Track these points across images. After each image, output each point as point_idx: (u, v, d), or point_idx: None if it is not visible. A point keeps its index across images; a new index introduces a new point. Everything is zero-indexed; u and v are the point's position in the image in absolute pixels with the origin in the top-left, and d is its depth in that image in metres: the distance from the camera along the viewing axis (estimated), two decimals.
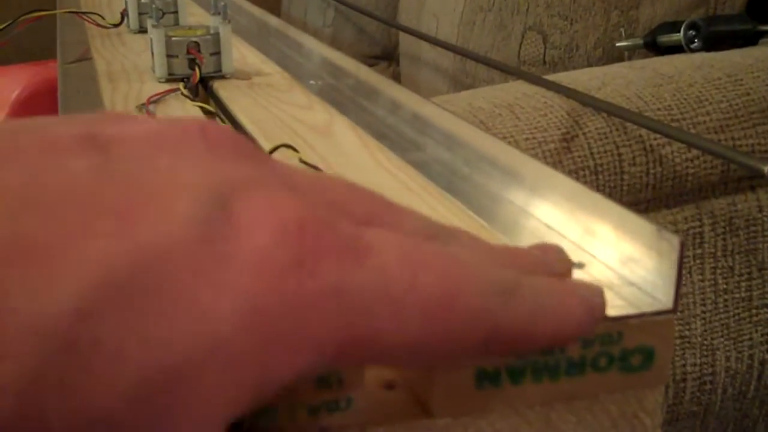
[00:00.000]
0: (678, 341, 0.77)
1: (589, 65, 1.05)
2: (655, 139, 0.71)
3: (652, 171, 0.71)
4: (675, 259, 0.30)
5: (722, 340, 0.78)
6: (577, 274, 0.33)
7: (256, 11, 1.02)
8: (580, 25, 1.06)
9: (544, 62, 1.10)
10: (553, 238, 0.36)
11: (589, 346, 0.29)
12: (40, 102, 1.47)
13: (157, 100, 0.60)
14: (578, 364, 0.29)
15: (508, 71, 0.99)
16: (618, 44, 1.00)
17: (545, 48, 1.10)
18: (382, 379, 0.29)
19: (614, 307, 0.30)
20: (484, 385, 0.28)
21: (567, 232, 0.36)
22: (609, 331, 0.29)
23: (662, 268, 0.31)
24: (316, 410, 0.26)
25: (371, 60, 1.73)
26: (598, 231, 0.35)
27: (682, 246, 0.30)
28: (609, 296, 0.31)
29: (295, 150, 0.45)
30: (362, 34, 1.75)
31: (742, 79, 0.78)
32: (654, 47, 0.96)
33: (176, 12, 0.90)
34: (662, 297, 0.31)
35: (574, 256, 0.35)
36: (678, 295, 0.30)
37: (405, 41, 1.57)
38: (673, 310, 0.30)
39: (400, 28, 1.54)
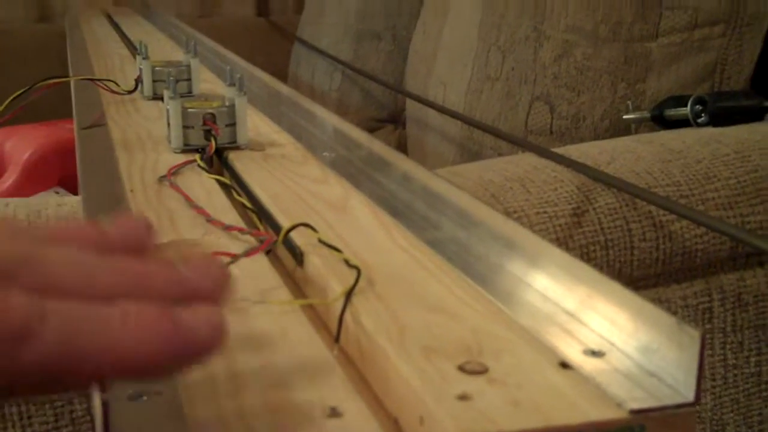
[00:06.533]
0: None
1: (596, 136, 1.06)
2: (665, 215, 0.71)
3: (661, 246, 0.72)
4: (696, 353, 0.30)
5: (732, 415, 0.78)
6: (596, 364, 0.33)
7: (267, 78, 1.03)
8: (587, 97, 1.07)
9: (551, 132, 1.11)
10: (572, 326, 0.36)
11: None
12: (50, 164, 1.49)
13: (175, 172, 0.61)
14: None
15: (516, 142, 1.00)
16: (625, 116, 1.01)
17: (552, 118, 1.11)
18: None
19: (635, 399, 0.31)
20: None
21: (586, 319, 0.37)
22: (631, 424, 0.29)
23: (682, 361, 0.31)
24: None
25: (377, 123, 1.75)
26: (618, 320, 0.35)
27: (703, 340, 0.30)
28: (629, 386, 0.32)
29: (314, 230, 0.45)
30: (369, 98, 1.77)
31: (750, 156, 0.79)
32: (661, 120, 0.97)
33: (189, 79, 0.91)
34: (683, 389, 0.31)
35: (594, 344, 0.35)
36: (699, 388, 0.31)
37: (412, 106, 1.58)
38: (695, 403, 0.30)
39: (407, 94, 1.55)
